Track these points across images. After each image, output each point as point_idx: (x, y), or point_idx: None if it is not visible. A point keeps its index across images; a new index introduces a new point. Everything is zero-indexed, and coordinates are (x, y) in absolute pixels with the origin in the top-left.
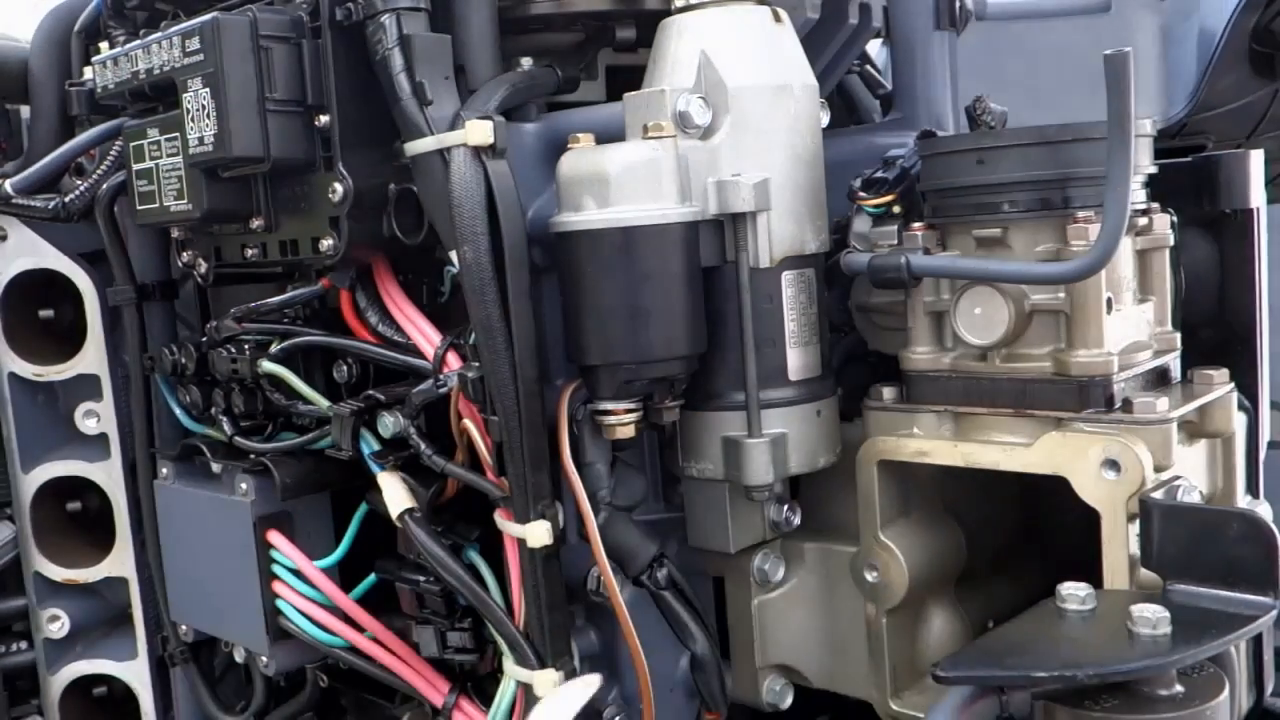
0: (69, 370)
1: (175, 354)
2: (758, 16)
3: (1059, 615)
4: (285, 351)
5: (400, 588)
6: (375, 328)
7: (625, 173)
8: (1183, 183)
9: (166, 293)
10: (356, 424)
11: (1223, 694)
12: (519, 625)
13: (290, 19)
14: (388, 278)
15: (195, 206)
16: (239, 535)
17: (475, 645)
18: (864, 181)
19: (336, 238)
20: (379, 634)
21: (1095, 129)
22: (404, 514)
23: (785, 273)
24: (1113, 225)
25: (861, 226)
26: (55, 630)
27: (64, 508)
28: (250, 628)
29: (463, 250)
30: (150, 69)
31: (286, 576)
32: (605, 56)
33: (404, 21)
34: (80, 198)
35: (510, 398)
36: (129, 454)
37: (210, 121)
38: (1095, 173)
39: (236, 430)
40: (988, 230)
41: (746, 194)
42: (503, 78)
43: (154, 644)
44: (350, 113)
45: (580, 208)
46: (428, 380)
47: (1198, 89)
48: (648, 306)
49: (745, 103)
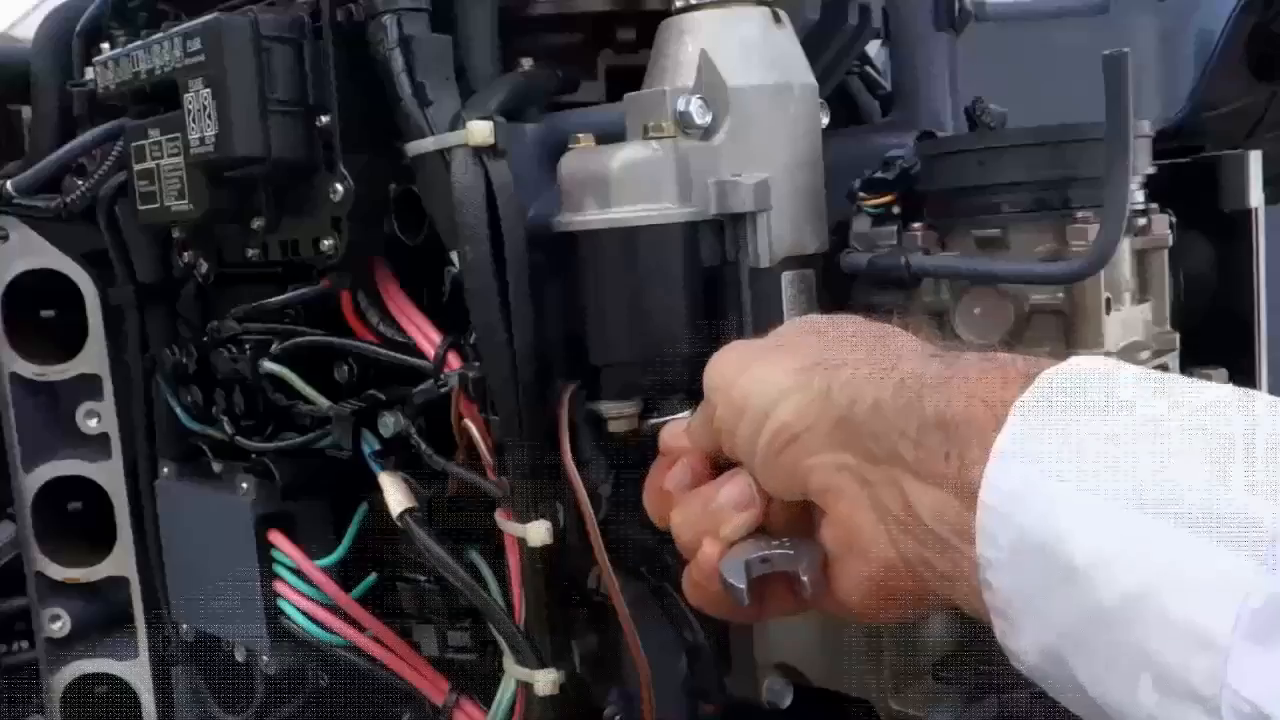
0: (70, 370)
1: (176, 354)
2: (758, 17)
3: None
4: (286, 351)
5: (401, 587)
6: (376, 328)
7: (626, 173)
8: (1181, 184)
9: (167, 293)
10: (357, 424)
11: None
12: (519, 624)
13: (291, 20)
14: (388, 278)
15: (196, 207)
16: (240, 535)
17: (476, 645)
18: (864, 182)
19: (337, 238)
20: (379, 633)
21: (1094, 130)
22: (404, 514)
23: (785, 273)
24: (1112, 226)
25: (861, 227)
26: (56, 630)
27: (65, 507)
28: (251, 627)
29: (463, 250)
30: (151, 69)
31: (287, 576)
32: (605, 57)
33: (405, 22)
34: (81, 198)
35: (511, 397)
36: (130, 454)
37: (211, 122)
38: (1094, 174)
39: (237, 430)
40: (987, 231)
41: (747, 194)
42: (503, 78)
43: (155, 643)
44: (351, 113)
45: (581, 208)
46: (428, 380)
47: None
48: (648, 307)
49: (745, 103)
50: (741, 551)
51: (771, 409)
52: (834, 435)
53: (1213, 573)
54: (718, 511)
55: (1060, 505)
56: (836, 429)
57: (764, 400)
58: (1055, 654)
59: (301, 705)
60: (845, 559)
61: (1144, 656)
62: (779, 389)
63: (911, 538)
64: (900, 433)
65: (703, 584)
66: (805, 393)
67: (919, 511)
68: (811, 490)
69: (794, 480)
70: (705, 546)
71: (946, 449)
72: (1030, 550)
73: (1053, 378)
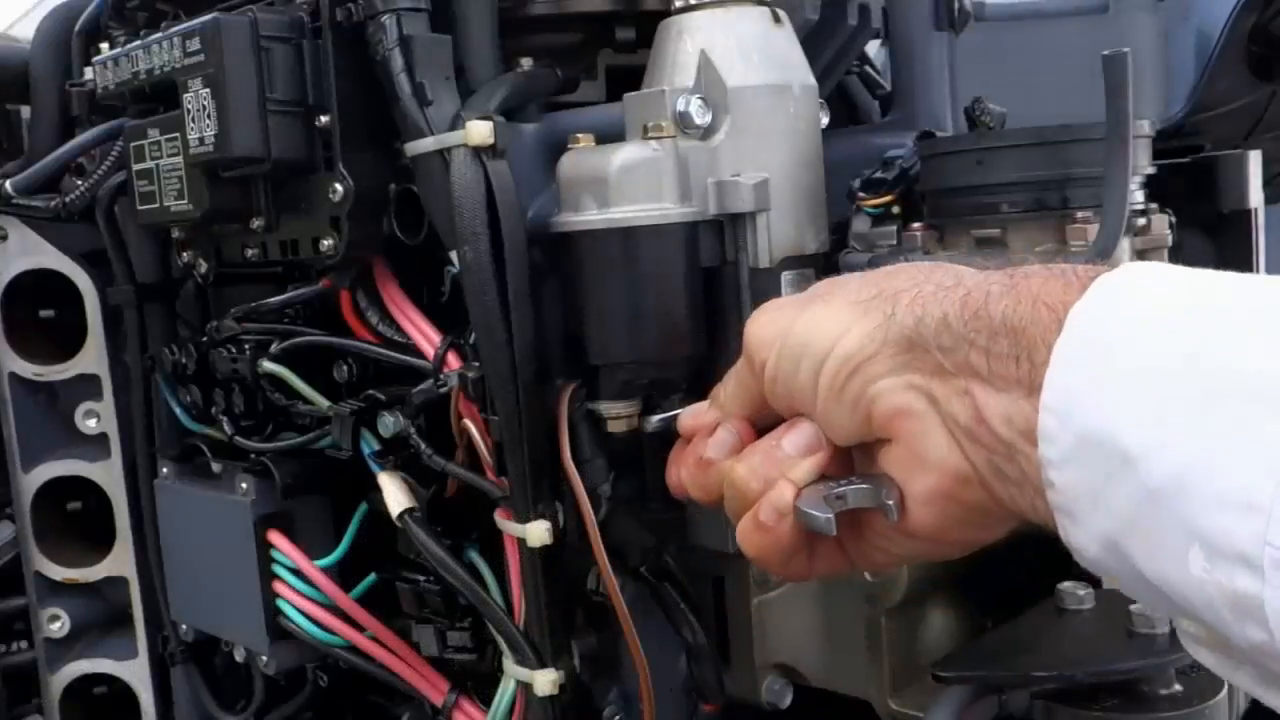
0: (69, 370)
1: (175, 354)
2: (757, 17)
3: (1058, 615)
4: (285, 351)
5: (400, 587)
6: (375, 327)
7: (625, 173)
8: (1181, 183)
9: (167, 293)
10: (356, 424)
11: (1221, 693)
12: (519, 624)
13: (290, 19)
14: (388, 278)
15: (196, 206)
16: (239, 535)
17: (475, 645)
18: (863, 182)
19: (337, 237)
20: (379, 633)
21: (1094, 130)
22: (404, 514)
23: (785, 273)
24: (1111, 226)
25: (861, 227)
26: (55, 630)
27: (64, 507)
28: (250, 627)
29: (463, 250)
30: (151, 69)
31: (287, 576)
32: (605, 57)
33: (404, 22)
34: (80, 198)
35: (510, 397)
36: (129, 453)
37: (211, 121)
38: (1094, 173)
39: (237, 430)
40: (987, 230)
41: (746, 194)
42: (503, 78)
43: (154, 643)
44: (350, 113)
45: (580, 208)
46: (428, 380)
47: (1196, 90)
48: (648, 307)
49: (745, 103)
50: (813, 493)
51: (834, 344)
52: (899, 357)
53: (1257, 440)
54: (784, 458)
55: (1115, 396)
56: (902, 350)
57: (826, 338)
58: (1114, 543)
59: (301, 705)
60: (915, 479)
61: (1194, 528)
62: (840, 324)
63: (981, 447)
64: (970, 342)
65: (769, 526)
66: (868, 321)
67: (989, 419)
68: (877, 417)
69: (858, 411)
70: (777, 488)
71: (1016, 353)
72: (1089, 444)
73: (1108, 279)
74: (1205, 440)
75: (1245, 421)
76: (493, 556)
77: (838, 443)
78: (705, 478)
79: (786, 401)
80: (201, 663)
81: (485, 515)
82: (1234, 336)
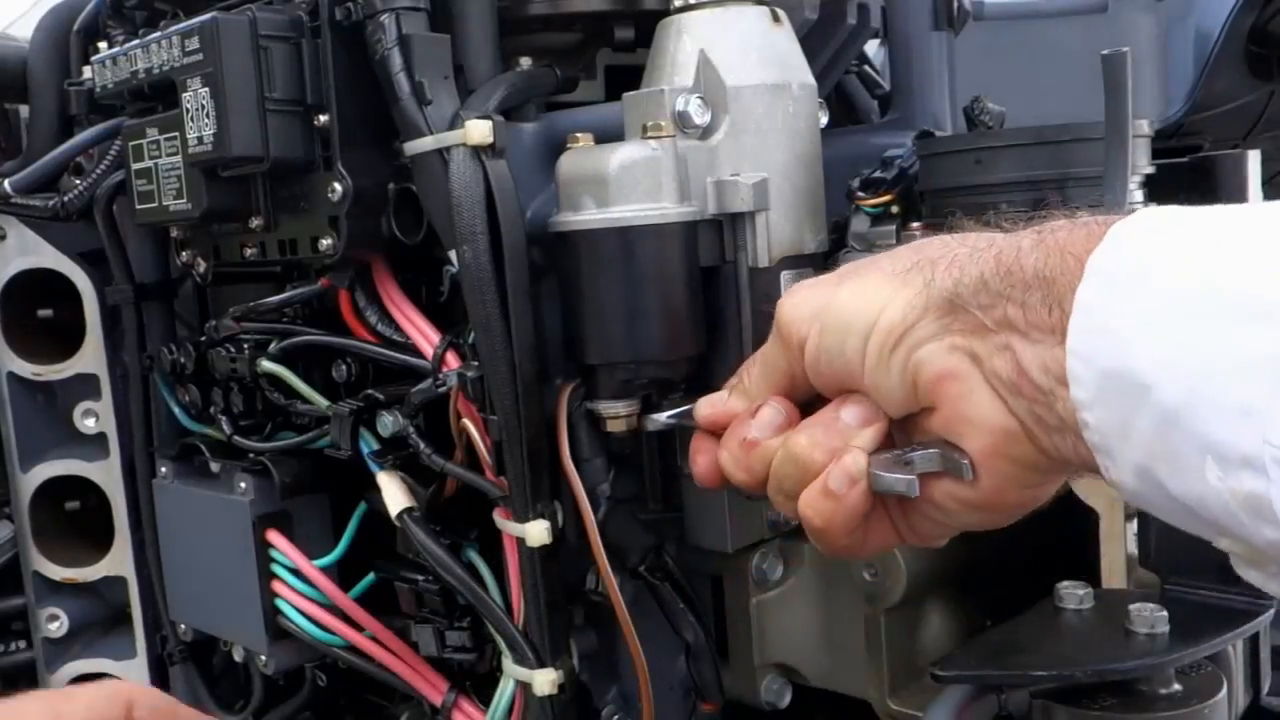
0: (68, 369)
1: (174, 353)
2: (756, 16)
3: (1057, 614)
4: (284, 351)
5: (399, 587)
6: (374, 327)
7: (624, 172)
8: (1180, 183)
9: (165, 292)
10: (355, 423)
11: (1220, 693)
12: (518, 624)
13: (290, 19)
14: (387, 277)
15: (194, 206)
16: (238, 534)
17: (474, 644)
18: (862, 181)
19: (336, 237)
20: (378, 633)
21: (1093, 129)
22: (403, 513)
23: (784, 272)
24: None
25: (859, 226)
26: (54, 630)
27: (63, 507)
28: (249, 627)
29: (462, 250)
30: (149, 68)
31: (286, 576)
32: (604, 56)
33: (403, 21)
34: (79, 197)
35: (509, 397)
36: (128, 453)
37: (209, 121)
38: (1093, 173)
39: (235, 429)
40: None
41: (745, 194)
42: (502, 77)
43: (153, 643)
44: (350, 112)
45: (579, 207)
46: (427, 380)
47: (1195, 89)
48: (647, 306)
49: (744, 103)
50: (880, 461)
51: (878, 316)
52: (941, 320)
53: (1256, 353)
54: (846, 428)
55: (1131, 330)
56: (944, 313)
57: (869, 311)
58: (1145, 470)
59: (300, 705)
60: (965, 443)
61: (1206, 441)
62: (881, 296)
63: (1024, 398)
64: (1006, 298)
65: (840, 493)
66: (908, 290)
67: (1028, 369)
68: (923, 384)
69: (906, 379)
70: (851, 454)
71: (1049, 303)
72: (1111, 380)
73: (1121, 226)
74: (1210, 359)
75: (1246, 338)
76: (492, 556)
77: (889, 414)
78: (750, 458)
79: (832, 378)
80: (200, 662)
81: (484, 515)
82: (1237, 264)
